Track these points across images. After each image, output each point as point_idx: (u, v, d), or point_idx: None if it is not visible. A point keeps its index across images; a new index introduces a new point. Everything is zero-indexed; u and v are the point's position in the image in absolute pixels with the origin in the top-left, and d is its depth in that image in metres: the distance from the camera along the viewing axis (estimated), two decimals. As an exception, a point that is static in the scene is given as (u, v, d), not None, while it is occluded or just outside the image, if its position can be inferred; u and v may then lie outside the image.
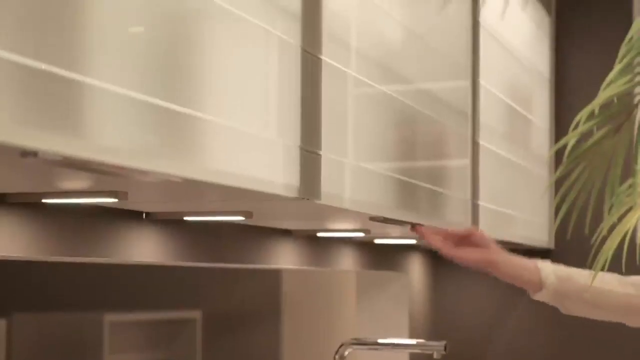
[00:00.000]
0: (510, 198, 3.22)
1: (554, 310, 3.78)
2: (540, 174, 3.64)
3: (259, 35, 1.59)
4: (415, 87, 2.35)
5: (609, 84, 1.27)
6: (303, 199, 1.74)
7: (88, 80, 1.16)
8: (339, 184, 1.90)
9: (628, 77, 1.26)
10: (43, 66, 1.09)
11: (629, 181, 1.26)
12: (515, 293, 3.87)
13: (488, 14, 2.96)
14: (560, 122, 3.84)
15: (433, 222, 2.45)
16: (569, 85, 3.85)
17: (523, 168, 3.39)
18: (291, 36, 1.70)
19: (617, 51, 3.78)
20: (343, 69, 1.92)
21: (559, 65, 3.86)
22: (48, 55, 1.10)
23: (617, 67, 1.25)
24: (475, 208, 2.86)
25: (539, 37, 3.64)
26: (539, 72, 3.63)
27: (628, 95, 1.28)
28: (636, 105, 1.27)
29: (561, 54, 3.86)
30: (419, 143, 2.36)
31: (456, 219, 2.74)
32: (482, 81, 2.89)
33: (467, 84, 2.76)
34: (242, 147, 1.53)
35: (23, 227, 1.71)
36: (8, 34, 1.03)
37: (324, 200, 1.83)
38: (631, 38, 1.26)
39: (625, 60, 1.24)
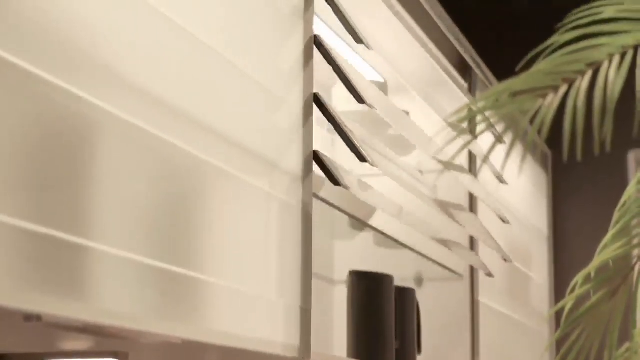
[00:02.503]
0: (510, 355, 3.20)
1: None
2: (541, 332, 3.63)
3: (260, 196, 1.61)
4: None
5: (604, 248, 1.29)
6: (303, 359, 1.74)
7: (91, 243, 1.18)
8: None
9: (623, 240, 1.28)
10: (44, 230, 1.11)
11: (627, 345, 1.27)
12: None
13: (486, 173, 3.00)
14: (560, 279, 3.84)
15: (433, 381, 2.43)
16: (568, 241, 3.88)
17: (523, 325, 3.38)
18: (291, 197, 1.73)
19: (614, 207, 3.80)
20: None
21: (557, 221, 3.90)
22: (49, 219, 1.12)
23: (612, 232, 1.27)
24: (475, 366, 2.84)
25: (537, 194, 3.68)
26: (538, 229, 3.66)
27: (623, 258, 1.30)
28: (632, 269, 1.29)
29: (559, 211, 3.90)
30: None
31: (457, 377, 2.72)
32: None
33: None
34: (242, 307, 1.54)
35: (22, 387, 1.71)
36: (9, 197, 1.05)
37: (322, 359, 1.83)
38: (624, 203, 1.29)
39: (619, 225, 1.26)
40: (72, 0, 1.17)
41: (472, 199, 2.83)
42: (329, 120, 1.89)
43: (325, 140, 2.69)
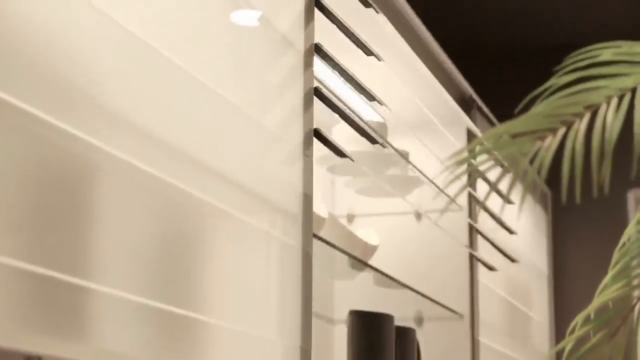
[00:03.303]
0: (511, 395, 3.19)
1: None
2: (542, 371, 3.61)
3: (260, 237, 1.62)
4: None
5: (604, 289, 1.29)
6: (303, 399, 1.74)
7: (91, 285, 1.18)
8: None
9: (623, 282, 1.29)
10: (45, 271, 1.11)
11: (627, 386, 1.27)
12: None
13: (485, 214, 3.00)
14: (560, 318, 3.84)
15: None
16: (568, 280, 3.87)
17: (524, 365, 3.37)
18: (291, 237, 1.73)
19: (614, 246, 3.81)
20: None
21: (557, 261, 3.89)
22: (50, 260, 1.12)
23: (611, 273, 1.28)
24: (476, 406, 2.83)
25: (536, 233, 3.68)
26: (538, 268, 3.66)
27: (623, 300, 1.30)
28: (631, 310, 1.29)
29: (559, 250, 3.89)
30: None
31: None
32: (481, 278, 2.91)
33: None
34: (242, 348, 1.54)
35: None
36: (10, 239, 1.06)
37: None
38: (624, 244, 1.29)
39: (618, 266, 1.27)
40: (72, 42, 1.18)
41: (471, 234, 2.83)
42: (335, 111, 1.92)
43: (325, 180, 2.70)
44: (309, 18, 1.84)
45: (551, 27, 3.89)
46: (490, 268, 2.79)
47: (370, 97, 2.03)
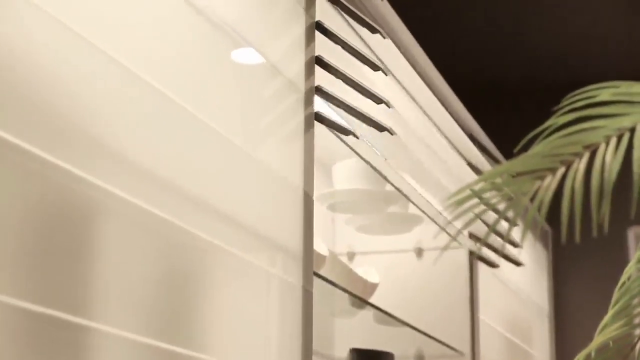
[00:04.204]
0: None
1: None
2: (543, 409, 3.60)
3: (260, 275, 1.62)
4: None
5: (604, 328, 1.29)
6: None
7: (91, 323, 1.18)
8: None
9: (623, 321, 1.29)
10: (44, 310, 1.11)
11: None
12: None
13: (485, 248, 3.00)
14: (561, 356, 3.83)
15: None
16: (569, 318, 3.87)
17: (525, 403, 3.36)
18: (291, 275, 1.73)
19: (615, 283, 3.80)
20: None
21: (558, 298, 3.89)
22: (50, 299, 1.12)
23: (611, 312, 1.28)
24: None
25: (537, 271, 3.68)
26: (539, 306, 3.65)
27: (623, 338, 1.30)
28: (632, 349, 1.29)
29: (560, 288, 3.89)
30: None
31: None
32: (482, 316, 2.90)
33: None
34: (242, 387, 1.53)
35: None
36: (9, 277, 1.06)
37: None
38: (624, 283, 1.29)
39: (618, 305, 1.27)
40: (73, 81, 1.19)
41: (472, 271, 2.83)
42: (338, 106, 1.92)
43: (325, 218, 2.70)
44: (310, 66, 1.85)
45: (550, 67, 3.90)
46: (493, 265, 2.79)
47: (378, 100, 2.04)
